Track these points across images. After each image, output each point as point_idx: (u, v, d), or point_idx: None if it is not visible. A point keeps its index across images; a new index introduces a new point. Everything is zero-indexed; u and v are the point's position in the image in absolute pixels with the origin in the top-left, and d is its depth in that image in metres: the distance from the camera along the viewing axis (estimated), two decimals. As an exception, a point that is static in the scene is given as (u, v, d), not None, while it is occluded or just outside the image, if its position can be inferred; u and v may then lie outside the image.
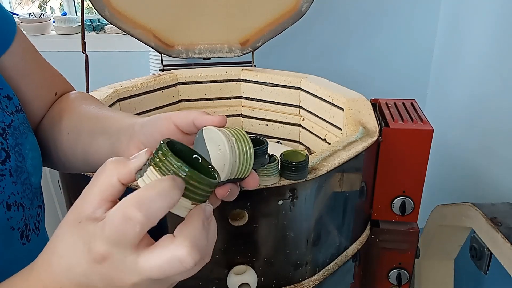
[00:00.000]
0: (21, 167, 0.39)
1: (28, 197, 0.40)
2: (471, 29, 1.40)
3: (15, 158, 0.39)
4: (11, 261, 0.38)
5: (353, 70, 1.66)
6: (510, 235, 0.88)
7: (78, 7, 1.98)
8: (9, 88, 0.42)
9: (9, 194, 0.37)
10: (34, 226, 0.41)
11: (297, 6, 1.18)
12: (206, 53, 1.23)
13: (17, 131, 0.40)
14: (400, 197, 0.89)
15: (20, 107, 0.43)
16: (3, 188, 0.37)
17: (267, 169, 0.65)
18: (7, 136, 0.38)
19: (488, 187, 1.27)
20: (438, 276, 1.25)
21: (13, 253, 0.39)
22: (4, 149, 0.38)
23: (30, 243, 0.41)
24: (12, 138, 0.39)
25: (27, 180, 0.40)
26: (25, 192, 0.39)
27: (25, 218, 0.40)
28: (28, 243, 0.40)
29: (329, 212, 0.77)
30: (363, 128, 0.85)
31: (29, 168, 0.41)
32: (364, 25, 1.63)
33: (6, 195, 0.37)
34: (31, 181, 0.41)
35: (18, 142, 0.40)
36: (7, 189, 0.37)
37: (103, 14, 1.10)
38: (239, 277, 0.71)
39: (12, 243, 0.39)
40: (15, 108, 0.42)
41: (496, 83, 1.25)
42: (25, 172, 0.40)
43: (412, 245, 0.92)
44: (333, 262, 0.83)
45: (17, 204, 0.38)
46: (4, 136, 0.38)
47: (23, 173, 0.39)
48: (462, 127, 1.44)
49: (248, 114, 1.25)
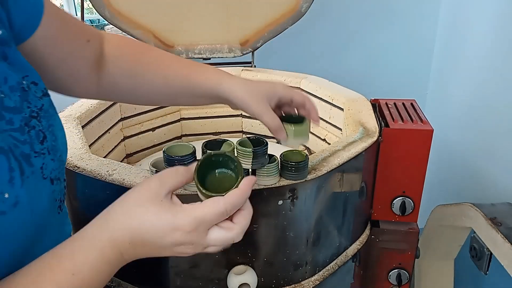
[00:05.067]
0: (55, 145, 0.45)
1: (62, 172, 0.46)
2: (471, 29, 1.40)
3: (50, 138, 0.44)
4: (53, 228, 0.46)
5: (353, 70, 1.66)
6: (510, 235, 0.88)
7: (78, 7, 1.98)
8: (35, 74, 0.46)
9: (51, 170, 0.43)
10: (63, 197, 0.49)
11: (297, 6, 1.18)
12: (206, 53, 1.23)
13: (48, 113, 0.45)
14: (400, 197, 0.89)
15: (46, 91, 0.47)
16: (46, 165, 0.42)
17: (267, 169, 0.65)
18: (41, 119, 0.44)
19: (488, 187, 1.27)
20: (438, 276, 1.25)
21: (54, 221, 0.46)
22: (41, 131, 0.43)
23: (62, 212, 0.48)
24: (45, 120, 0.44)
25: (60, 157, 0.46)
26: (60, 168, 0.45)
27: (61, 190, 0.47)
28: (61, 212, 0.48)
29: (329, 212, 0.77)
30: (363, 128, 0.85)
31: (61, 146, 0.46)
32: (364, 25, 1.62)
33: (49, 171, 0.43)
34: (62, 158, 0.47)
35: (50, 124, 0.45)
36: (49, 165, 0.43)
37: (103, 14, 1.10)
38: (239, 277, 0.71)
39: (55, 212, 0.46)
40: (42, 93, 0.46)
41: (496, 83, 1.25)
42: (58, 150, 0.45)
43: (412, 245, 0.92)
44: (333, 262, 0.83)
45: (56, 178, 0.44)
46: (39, 119, 0.43)
47: (57, 151, 0.45)
48: (462, 127, 1.44)
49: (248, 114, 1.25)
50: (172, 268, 0.72)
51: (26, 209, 0.39)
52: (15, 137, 0.40)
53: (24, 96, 0.43)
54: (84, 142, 0.79)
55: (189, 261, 0.72)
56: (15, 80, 0.42)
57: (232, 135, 1.25)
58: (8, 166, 0.38)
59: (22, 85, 0.43)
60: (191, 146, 0.65)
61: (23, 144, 0.40)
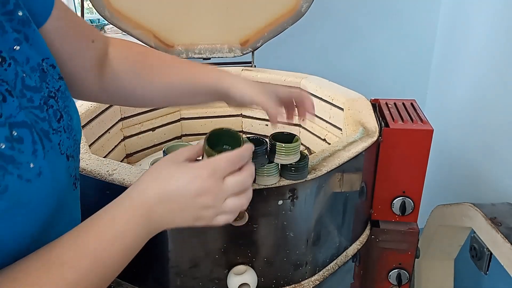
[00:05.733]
0: (71, 125, 0.48)
1: (76, 151, 0.49)
2: (471, 29, 1.40)
3: (66, 118, 0.47)
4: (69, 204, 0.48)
5: (353, 70, 1.66)
6: (510, 235, 0.88)
7: (78, 7, 1.98)
8: (53, 58, 0.49)
9: (66, 147, 0.46)
10: (78, 176, 0.52)
11: (297, 6, 1.18)
12: (206, 53, 1.23)
13: (64, 95, 0.48)
14: (400, 197, 0.89)
15: (61, 75, 0.50)
16: (62, 142, 0.45)
17: (267, 169, 0.65)
18: (58, 99, 0.47)
19: (488, 187, 1.27)
20: (438, 276, 1.25)
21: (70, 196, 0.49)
22: (58, 110, 0.46)
23: (76, 189, 0.51)
24: (62, 101, 0.47)
25: (75, 137, 0.49)
26: (74, 146, 0.49)
27: (75, 168, 0.49)
28: (76, 189, 0.51)
29: (329, 212, 0.77)
30: (363, 128, 0.85)
31: (75, 126, 0.49)
32: (364, 25, 1.62)
33: (65, 148, 0.46)
34: (77, 137, 0.50)
35: (66, 105, 0.48)
36: (65, 143, 0.46)
37: (103, 14, 1.10)
38: (239, 277, 0.71)
39: (71, 188, 0.48)
40: (58, 76, 0.49)
41: (496, 83, 1.25)
42: (73, 129, 0.48)
43: (412, 245, 0.92)
44: (333, 262, 0.83)
45: (71, 155, 0.47)
46: (56, 99, 0.46)
47: (72, 130, 0.48)
48: (462, 127, 1.44)
49: (248, 114, 1.25)
50: (172, 268, 0.72)
51: (48, 179, 0.41)
52: (35, 114, 0.43)
53: (43, 77, 0.46)
54: (84, 142, 0.79)
55: (189, 261, 0.72)
56: (36, 61, 0.45)
57: (232, 135, 1.25)
58: (32, 139, 0.41)
59: (42, 67, 0.46)
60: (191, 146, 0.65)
61: (42, 121, 0.43)
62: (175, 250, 0.71)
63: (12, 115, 0.40)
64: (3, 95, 0.40)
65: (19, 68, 0.43)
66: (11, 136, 0.39)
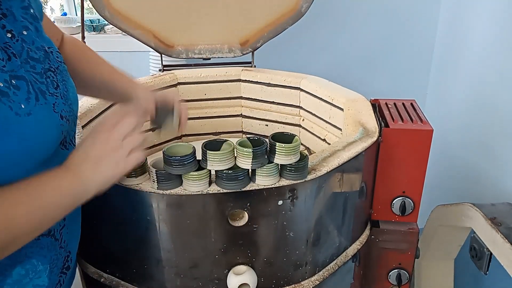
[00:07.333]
0: (67, 95, 0.57)
1: (71, 118, 0.58)
2: (471, 29, 1.40)
3: (63, 88, 0.56)
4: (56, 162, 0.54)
5: (353, 70, 1.66)
6: (510, 235, 0.88)
7: (78, 7, 1.98)
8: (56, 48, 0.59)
9: (61, 109, 0.54)
10: (70, 141, 0.60)
11: (297, 6, 1.18)
12: (206, 53, 1.23)
13: (62, 73, 0.58)
14: (400, 197, 0.89)
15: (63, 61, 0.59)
16: (57, 104, 0.54)
17: (267, 169, 0.65)
18: (57, 74, 0.56)
19: (488, 187, 1.27)
20: (438, 276, 1.25)
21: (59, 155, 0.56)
22: (55, 81, 0.55)
23: (66, 151, 0.58)
24: (60, 76, 0.57)
25: (71, 106, 0.57)
26: (70, 113, 0.57)
27: (68, 130, 0.58)
28: (65, 150, 0.58)
29: (329, 212, 0.77)
30: (363, 129, 0.85)
31: (71, 97, 0.58)
32: (364, 25, 1.63)
33: (60, 109, 0.54)
34: (73, 108, 0.58)
35: (63, 79, 0.57)
36: (60, 106, 0.54)
37: (103, 15, 1.10)
38: (239, 277, 0.71)
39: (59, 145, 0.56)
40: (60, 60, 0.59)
41: (496, 83, 1.25)
42: (69, 99, 0.57)
43: (412, 245, 0.92)
44: (333, 262, 0.83)
45: (65, 117, 0.55)
46: (55, 74, 0.56)
47: (68, 99, 0.57)
48: (462, 127, 1.44)
49: (248, 114, 1.25)
50: (172, 268, 0.72)
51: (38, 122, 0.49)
52: (35, 77, 0.52)
53: (46, 55, 0.56)
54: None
55: (189, 261, 0.72)
56: (40, 44, 0.56)
57: (232, 135, 1.25)
58: (27, 90, 0.49)
59: (45, 49, 0.56)
60: (191, 146, 0.65)
61: (41, 84, 0.52)
62: (175, 250, 0.71)
63: (14, 70, 0.49)
64: (9, 55, 0.49)
65: (25, 45, 0.52)
66: (10, 83, 0.47)
